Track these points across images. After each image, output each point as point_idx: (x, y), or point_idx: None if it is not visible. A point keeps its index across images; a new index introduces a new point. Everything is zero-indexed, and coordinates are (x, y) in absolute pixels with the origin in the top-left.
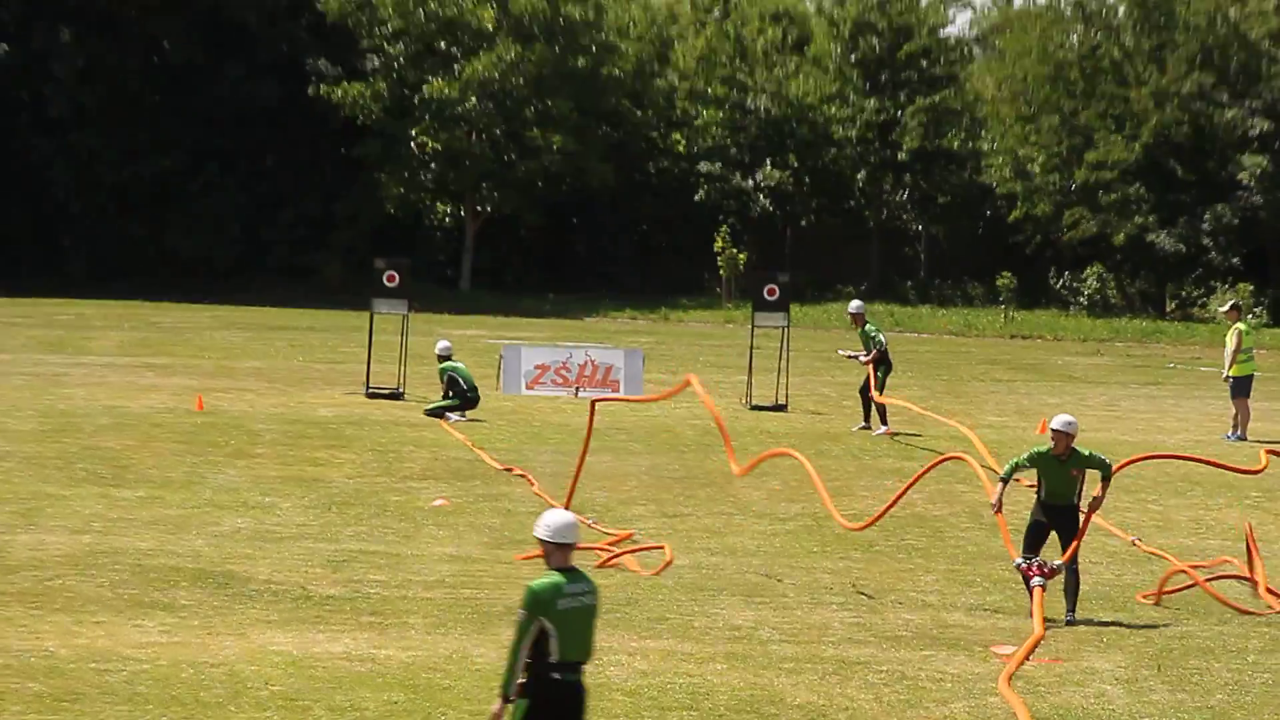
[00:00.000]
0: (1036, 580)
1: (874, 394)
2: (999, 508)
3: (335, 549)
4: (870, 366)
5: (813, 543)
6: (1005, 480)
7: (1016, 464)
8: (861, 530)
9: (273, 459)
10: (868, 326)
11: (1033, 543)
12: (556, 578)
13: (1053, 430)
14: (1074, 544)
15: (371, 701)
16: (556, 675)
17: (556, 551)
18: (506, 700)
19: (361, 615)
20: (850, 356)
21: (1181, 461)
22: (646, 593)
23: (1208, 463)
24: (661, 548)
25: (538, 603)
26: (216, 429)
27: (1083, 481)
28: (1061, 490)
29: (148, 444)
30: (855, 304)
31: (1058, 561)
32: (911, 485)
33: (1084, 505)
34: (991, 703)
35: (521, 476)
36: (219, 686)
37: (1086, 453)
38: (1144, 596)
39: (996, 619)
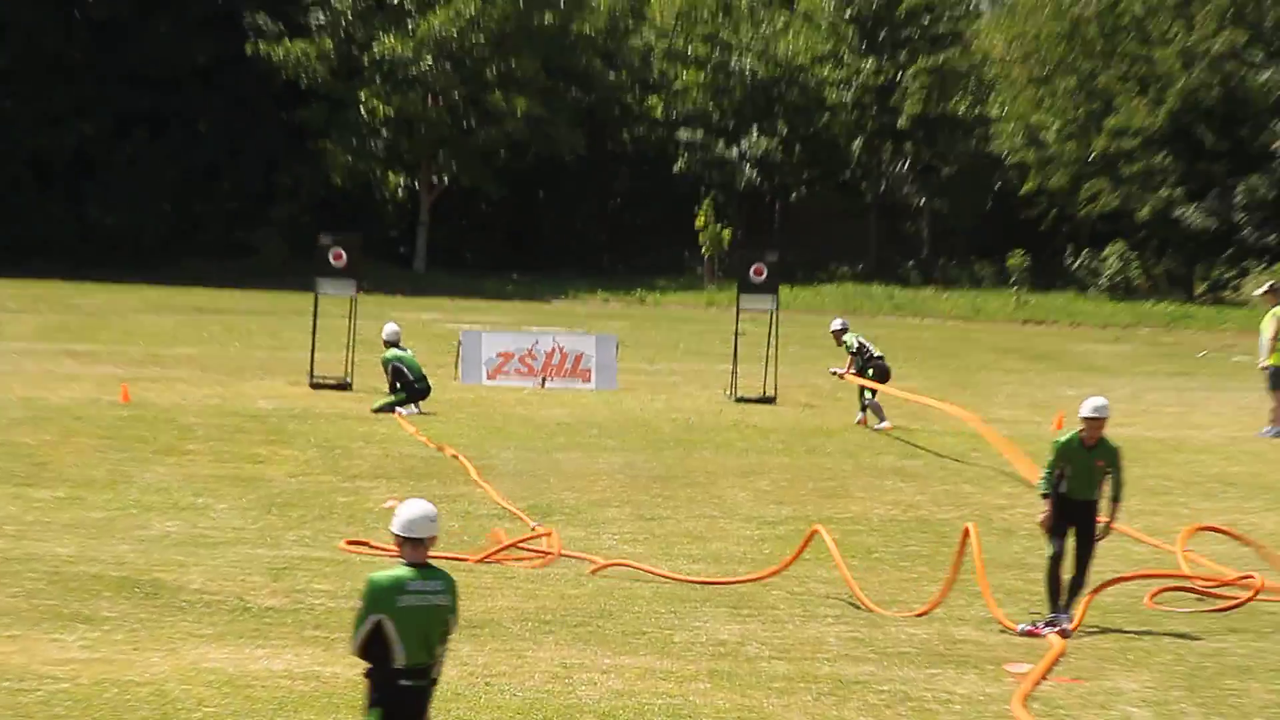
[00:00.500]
0: (1049, 634)
1: (869, 386)
2: (1052, 528)
3: (276, 555)
4: (853, 374)
5: (806, 549)
6: (1049, 494)
7: (1050, 465)
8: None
9: (206, 456)
10: (846, 337)
11: (1060, 531)
12: (402, 572)
13: (1085, 417)
14: (1088, 559)
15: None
16: (405, 682)
17: (407, 545)
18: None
19: (305, 629)
20: (834, 373)
21: (1217, 461)
22: (621, 604)
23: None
24: (549, 534)
25: (375, 597)
26: (144, 423)
27: (1105, 476)
28: (1085, 483)
29: (68, 439)
30: (837, 322)
31: (1068, 625)
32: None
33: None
34: None
35: (455, 458)
36: (146, 708)
37: (1110, 443)
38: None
39: (1010, 634)
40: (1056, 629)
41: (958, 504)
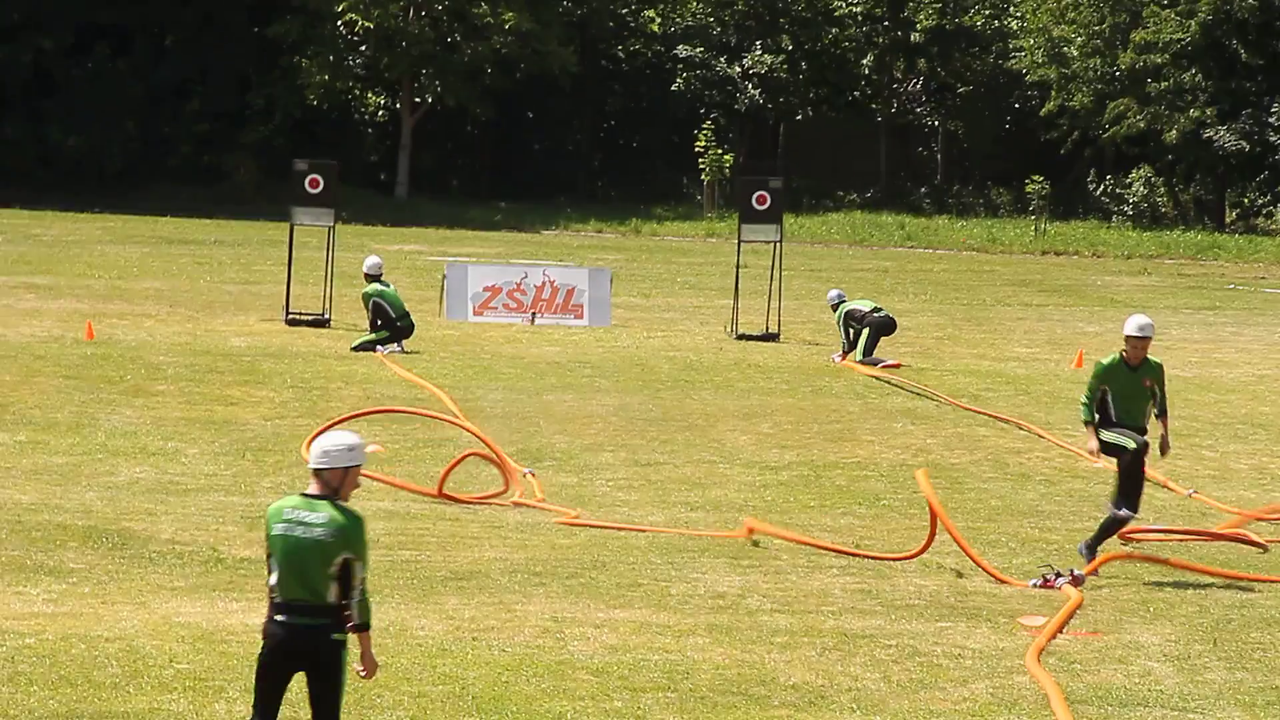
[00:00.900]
0: (1063, 584)
1: (853, 358)
2: (1099, 452)
3: (250, 503)
4: (855, 361)
5: (809, 496)
6: (1092, 420)
7: (1091, 389)
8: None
9: (176, 397)
10: (839, 308)
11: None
12: (287, 500)
13: (1130, 336)
14: (1137, 493)
15: (294, 682)
16: (279, 617)
17: (312, 475)
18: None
19: None
20: (835, 361)
21: (1245, 401)
22: (615, 555)
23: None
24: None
25: (267, 522)
26: (110, 362)
27: (1150, 398)
28: (1136, 407)
29: (29, 380)
30: (832, 294)
31: (1081, 571)
32: None
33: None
34: (1018, 682)
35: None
36: (115, 665)
37: (1153, 360)
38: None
39: (1024, 585)
40: (1071, 579)
41: (970, 448)
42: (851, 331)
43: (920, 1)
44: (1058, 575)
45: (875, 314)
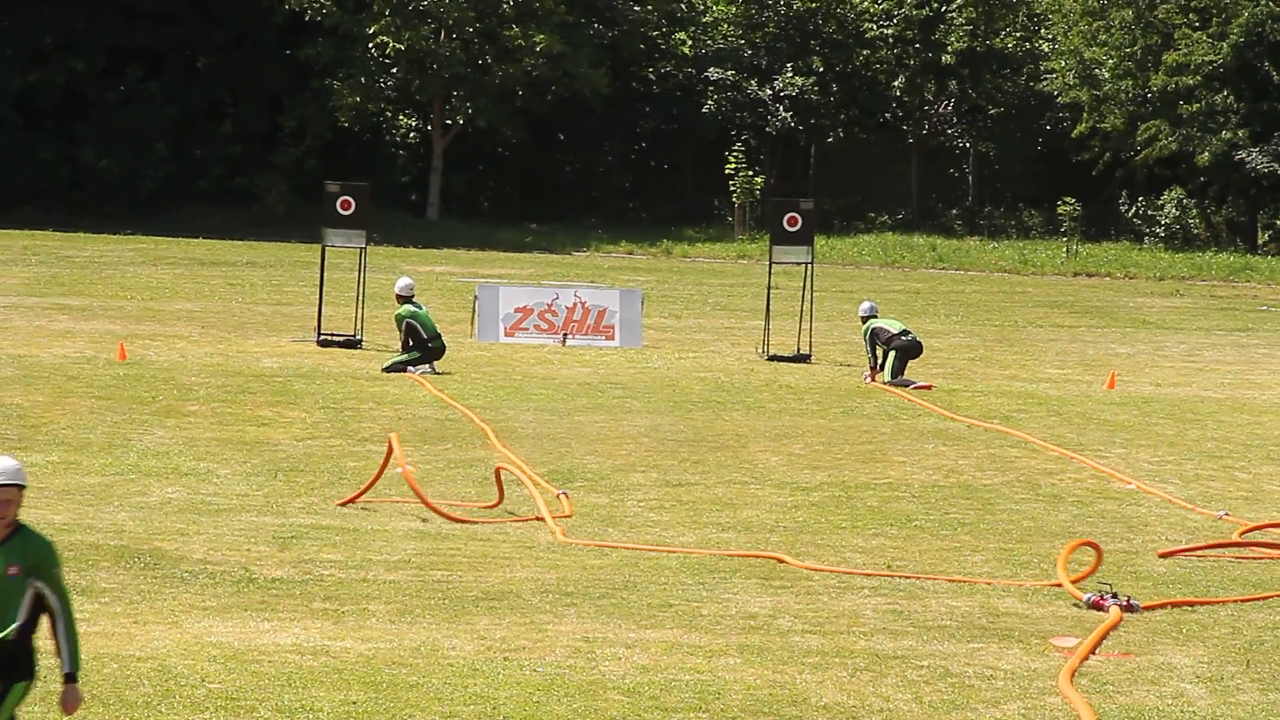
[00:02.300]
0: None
1: (881, 379)
2: None
3: (282, 523)
4: (883, 382)
5: (841, 517)
6: None
7: None
8: None
9: (208, 418)
10: (867, 322)
11: None
12: None
13: None
14: None
15: (325, 702)
16: None
17: None
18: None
19: (313, 601)
20: (867, 381)
21: (1278, 423)
22: (647, 575)
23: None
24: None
25: None
26: (142, 383)
27: None
28: None
29: (61, 400)
30: (864, 306)
31: (1139, 602)
32: None
33: None
34: (1050, 703)
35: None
36: (147, 684)
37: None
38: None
39: (1056, 606)
40: (1126, 605)
41: (1002, 469)
42: (879, 351)
43: (951, 24)
44: (1113, 596)
45: (903, 337)
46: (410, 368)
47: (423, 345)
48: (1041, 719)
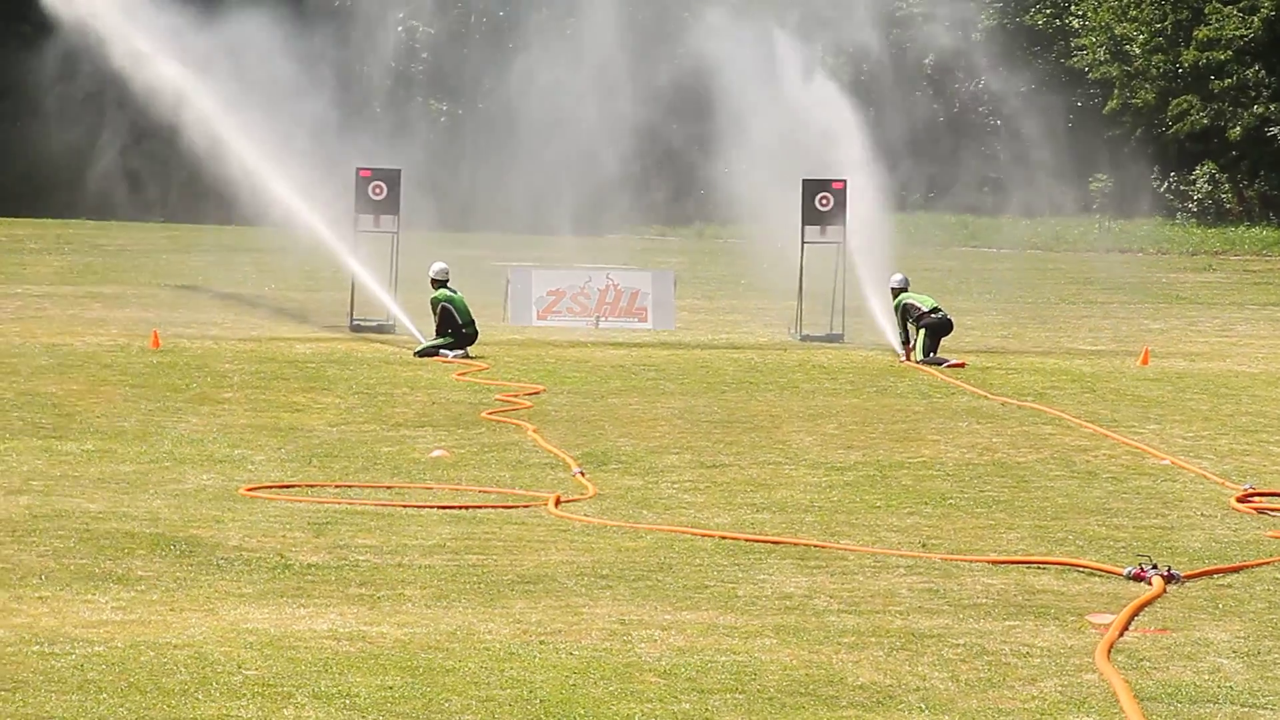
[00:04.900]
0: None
1: (911, 358)
2: None
3: (317, 510)
4: (910, 344)
5: (876, 496)
6: None
7: None
8: None
9: (242, 405)
10: (899, 295)
11: None
12: None
13: None
14: None
15: (363, 687)
16: None
17: None
18: None
19: (349, 587)
20: (901, 360)
21: None
22: (682, 557)
23: None
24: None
25: None
26: (176, 370)
27: None
28: None
29: (95, 388)
30: (896, 277)
31: (1180, 571)
32: None
33: None
34: (1087, 680)
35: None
36: (184, 672)
37: None
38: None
39: (1092, 583)
40: (1167, 575)
41: (1036, 446)
42: (910, 327)
43: (982, 1)
44: (1154, 567)
45: (934, 314)
46: (443, 352)
47: (457, 330)
48: (1078, 695)
